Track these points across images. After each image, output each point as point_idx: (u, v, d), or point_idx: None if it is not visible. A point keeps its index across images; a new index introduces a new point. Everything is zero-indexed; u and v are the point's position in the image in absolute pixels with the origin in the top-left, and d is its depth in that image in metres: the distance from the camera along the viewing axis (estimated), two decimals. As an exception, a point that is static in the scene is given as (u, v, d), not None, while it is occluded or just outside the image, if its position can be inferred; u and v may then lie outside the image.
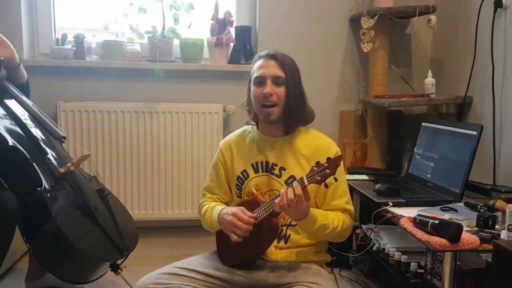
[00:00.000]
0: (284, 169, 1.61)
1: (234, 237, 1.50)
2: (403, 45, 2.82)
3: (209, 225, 1.65)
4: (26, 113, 2.03)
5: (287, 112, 1.58)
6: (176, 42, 2.69)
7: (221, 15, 2.68)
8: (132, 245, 1.99)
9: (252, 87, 1.62)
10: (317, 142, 1.64)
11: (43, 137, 2.02)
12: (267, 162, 1.64)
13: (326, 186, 1.41)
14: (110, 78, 2.64)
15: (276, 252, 1.60)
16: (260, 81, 1.58)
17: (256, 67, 1.61)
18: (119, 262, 1.92)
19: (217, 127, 2.66)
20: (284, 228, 1.61)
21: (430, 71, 2.50)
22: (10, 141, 1.78)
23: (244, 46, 2.74)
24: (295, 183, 1.39)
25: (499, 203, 1.63)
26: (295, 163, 1.61)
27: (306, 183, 1.38)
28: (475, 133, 1.86)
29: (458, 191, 1.83)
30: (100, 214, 1.92)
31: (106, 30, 2.70)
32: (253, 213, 1.52)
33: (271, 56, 1.59)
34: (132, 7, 2.63)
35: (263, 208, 1.49)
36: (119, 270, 1.91)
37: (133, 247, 1.99)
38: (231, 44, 2.71)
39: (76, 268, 1.86)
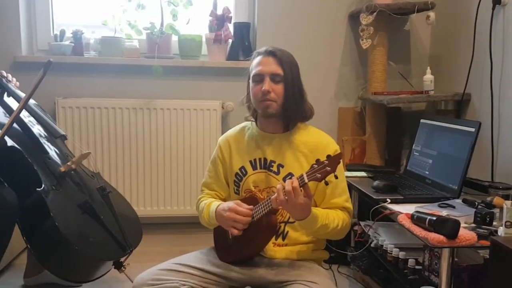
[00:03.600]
0: (282, 166, 1.61)
1: (234, 231, 1.49)
2: (402, 42, 2.81)
3: (207, 222, 1.65)
4: (27, 112, 2.03)
5: (285, 109, 1.58)
6: (174, 38, 2.68)
7: (219, 11, 2.67)
8: (135, 242, 1.99)
9: (251, 84, 1.61)
10: (316, 139, 1.64)
11: (45, 135, 2.02)
12: (265, 159, 1.63)
13: (326, 183, 1.40)
14: (108, 74, 2.63)
15: (274, 249, 1.60)
16: (259, 79, 1.58)
17: (255, 64, 1.60)
18: (122, 259, 1.92)
19: (215, 124, 2.66)
20: (282, 225, 1.61)
21: (428, 67, 2.50)
22: (9, 141, 1.78)
23: (242, 43, 2.73)
24: (293, 178, 1.39)
25: (497, 200, 1.64)
26: (294, 160, 1.60)
27: (306, 180, 1.37)
28: (473, 129, 1.87)
29: (456, 187, 1.84)
30: (103, 212, 1.91)
31: (104, 26, 2.69)
32: (252, 211, 1.52)
33: (269, 52, 1.58)
34: (131, 3, 2.62)
35: (261, 205, 1.49)
36: (122, 268, 1.91)
37: (136, 244, 1.99)
38: (230, 41, 2.70)
39: (77, 267, 1.86)
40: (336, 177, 1.42)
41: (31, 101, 2.11)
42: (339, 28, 2.77)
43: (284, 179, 1.58)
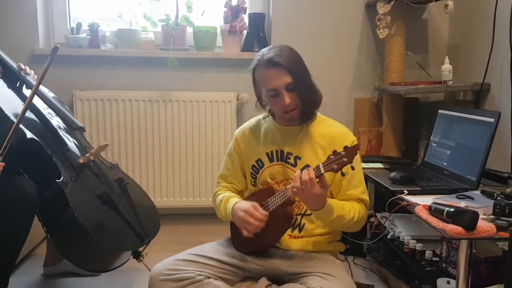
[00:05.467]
0: (299, 158, 1.60)
1: (244, 233, 1.50)
2: (420, 31, 2.77)
3: (223, 216, 1.66)
4: (46, 105, 2.06)
5: (305, 109, 1.58)
6: (189, 30, 2.68)
7: (234, 2, 2.66)
8: (153, 232, 2.01)
9: (267, 97, 1.58)
10: (333, 131, 1.63)
11: (63, 127, 2.05)
12: (282, 151, 1.63)
13: (343, 174, 1.40)
14: (124, 66, 2.65)
15: (290, 240, 1.60)
16: (275, 93, 1.54)
17: (264, 78, 1.56)
18: (140, 249, 1.95)
19: (231, 116, 2.66)
20: (299, 217, 1.61)
21: (447, 57, 2.46)
22: (29, 133, 1.80)
23: (257, 34, 2.72)
24: (309, 168, 1.39)
25: (517, 191, 1.61)
26: (311, 152, 1.60)
27: (323, 171, 1.37)
28: (492, 120, 1.84)
29: (475, 179, 1.81)
30: (121, 202, 1.94)
31: (120, 19, 2.71)
32: (268, 201, 1.52)
33: (274, 64, 1.52)
34: (146, -5, 2.63)
35: (277, 196, 1.49)
36: (140, 257, 1.94)
37: (154, 234, 2.01)
38: (245, 32, 2.70)
39: (96, 257, 1.88)
40: (352, 168, 1.40)
41: (50, 94, 2.14)
42: (355, 17, 2.74)
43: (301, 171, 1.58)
